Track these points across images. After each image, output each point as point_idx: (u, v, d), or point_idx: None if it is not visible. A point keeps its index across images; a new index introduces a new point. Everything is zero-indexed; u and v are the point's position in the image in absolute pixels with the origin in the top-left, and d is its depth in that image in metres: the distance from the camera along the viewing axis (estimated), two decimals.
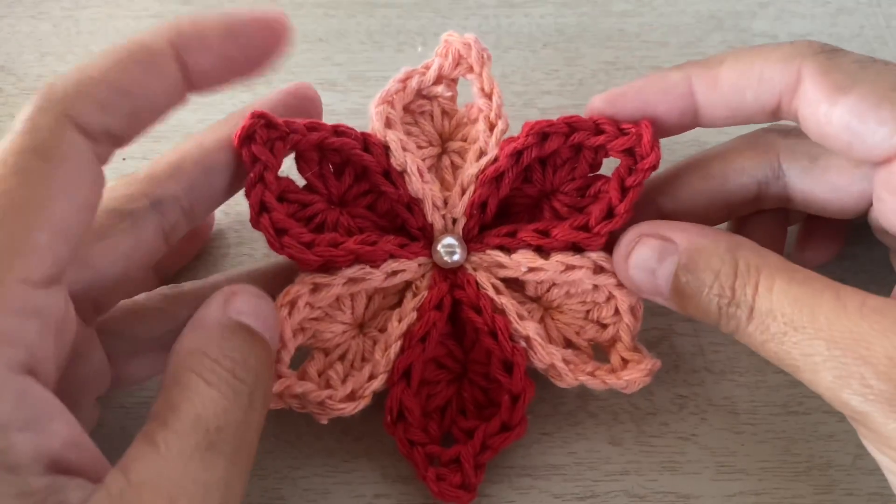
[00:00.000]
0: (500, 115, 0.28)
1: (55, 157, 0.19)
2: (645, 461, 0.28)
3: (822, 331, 0.21)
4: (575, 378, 0.27)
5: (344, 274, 0.26)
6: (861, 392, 0.20)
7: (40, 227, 0.19)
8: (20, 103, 0.35)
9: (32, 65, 0.37)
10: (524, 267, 0.27)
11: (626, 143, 0.26)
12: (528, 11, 0.39)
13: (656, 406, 0.29)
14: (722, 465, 0.28)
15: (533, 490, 0.27)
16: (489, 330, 0.27)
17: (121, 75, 0.21)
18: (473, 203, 0.27)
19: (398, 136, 0.27)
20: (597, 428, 0.28)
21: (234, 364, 0.21)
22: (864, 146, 0.23)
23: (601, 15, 0.39)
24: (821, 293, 0.22)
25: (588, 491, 0.27)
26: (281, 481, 0.27)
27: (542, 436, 0.28)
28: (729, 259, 0.23)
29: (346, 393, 0.26)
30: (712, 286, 0.23)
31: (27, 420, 0.18)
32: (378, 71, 0.37)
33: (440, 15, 0.38)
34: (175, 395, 0.20)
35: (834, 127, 0.23)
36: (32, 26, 0.38)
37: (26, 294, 0.19)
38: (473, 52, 0.28)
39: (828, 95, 0.23)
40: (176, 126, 0.35)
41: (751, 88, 0.24)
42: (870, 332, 0.20)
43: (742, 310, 0.23)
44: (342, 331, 0.27)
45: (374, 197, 0.28)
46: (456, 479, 0.25)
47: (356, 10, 0.38)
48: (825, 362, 0.21)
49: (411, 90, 0.28)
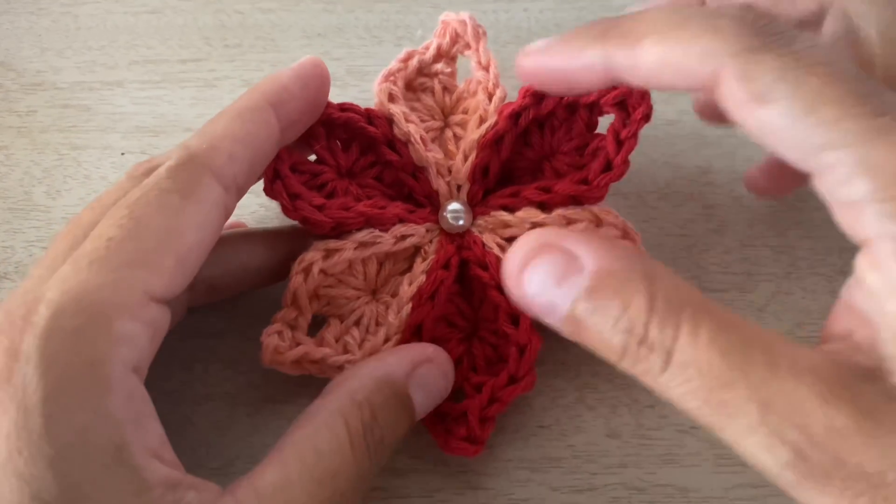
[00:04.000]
0: (498, 84, 0.29)
1: (192, 197, 0.22)
2: (643, 454, 0.28)
3: (756, 392, 0.18)
4: None
5: (355, 238, 0.27)
6: (793, 463, 0.18)
7: (169, 252, 0.22)
8: (20, 99, 0.35)
9: (32, 60, 0.37)
10: (527, 223, 0.27)
11: (618, 97, 0.27)
12: (527, 6, 0.39)
13: (655, 399, 0.29)
14: (721, 458, 0.28)
15: (531, 483, 0.27)
16: (495, 283, 0.27)
17: (240, 130, 0.24)
18: (476, 167, 0.28)
19: (401, 109, 0.28)
20: (595, 421, 0.28)
21: (384, 434, 0.23)
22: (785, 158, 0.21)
23: (600, 10, 0.39)
24: (750, 346, 0.19)
25: (586, 484, 0.27)
26: None
27: (540, 428, 0.28)
28: (644, 291, 0.19)
29: (364, 356, 0.26)
30: (619, 320, 0.19)
31: (135, 417, 0.20)
32: (377, 66, 0.36)
33: (438, 10, 0.38)
34: (321, 433, 0.22)
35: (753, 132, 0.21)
36: (31, 22, 0.38)
37: (148, 306, 0.21)
38: (469, 28, 0.30)
39: (747, 103, 0.20)
40: (174, 121, 0.35)
41: (675, 79, 0.21)
42: (807, 397, 0.18)
43: (656, 354, 0.19)
44: (356, 296, 0.28)
45: (380, 168, 0.29)
46: (461, 432, 0.26)
47: (355, 6, 0.38)
48: (757, 427, 0.18)
49: (413, 68, 0.30)
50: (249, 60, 0.37)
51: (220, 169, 0.23)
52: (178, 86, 0.36)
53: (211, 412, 0.28)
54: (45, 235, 0.32)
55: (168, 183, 0.22)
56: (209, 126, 0.25)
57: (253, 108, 0.25)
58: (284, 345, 0.26)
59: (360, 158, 0.29)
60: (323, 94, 0.27)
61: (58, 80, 0.36)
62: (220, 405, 0.28)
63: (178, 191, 0.22)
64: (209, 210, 0.23)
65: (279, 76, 0.26)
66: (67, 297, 0.20)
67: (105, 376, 0.20)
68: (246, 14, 0.38)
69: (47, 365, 0.19)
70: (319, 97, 0.27)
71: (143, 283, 0.21)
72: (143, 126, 0.35)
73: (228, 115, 0.25)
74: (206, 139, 0.24)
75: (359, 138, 0.28)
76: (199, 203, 0.23)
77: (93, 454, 0.19)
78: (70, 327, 0.19)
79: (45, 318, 0.19)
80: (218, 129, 0.24)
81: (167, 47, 0.37)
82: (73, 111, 0.35)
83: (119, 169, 0.34)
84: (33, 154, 0.34)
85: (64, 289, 0.20)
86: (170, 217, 0.22)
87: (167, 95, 0.36)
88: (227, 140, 0.24)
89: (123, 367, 0.20)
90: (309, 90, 0.26)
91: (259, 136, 0.25)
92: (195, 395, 0.28)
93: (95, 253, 0.21)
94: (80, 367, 0.19)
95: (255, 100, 0.25)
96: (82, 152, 0.34)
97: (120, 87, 0.36)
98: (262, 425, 0.28)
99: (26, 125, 0.35)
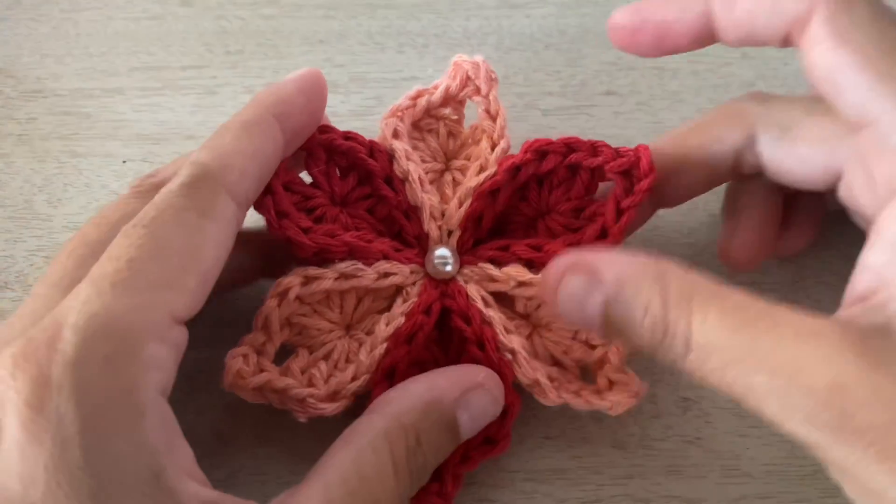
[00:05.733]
0: (503, 136, 0.29)
1: (209, 215, 0.22)
2: (649, 465, 0.28)
3: (763, 362, 0.20)
4: (559, 396, 0.26)
5: (336, 268, 0.26)
6: (807, 422, 0.20)
7: (192, 271, 0.22)
8: (20, 105, 0.35)
9: (32, 67, 0.36)
10: (513, 280, 0.27)
11: (624, 165, 0.27)
12: (530, 12, 0.38)
13: (660, 409, 0.29)
14: (727, 469, 0.28)
15: (537, 494, 0.27)
16: (476, 340, 0.26)
17: (249, 145, 0.24)
18: (469, 215, 0.28)
19: (403, 146, 0.28)
20: (601, 431, 0.28)
21: (426, 460, 0.23)
22: (844, 103, 0.23)
23: (603, 15, 0.38)
24: (756, 321, 0.21)
25: (592, 495, 0.27)
26: None
27: (546, 440, 0.28)
28: (658, 289, 0.22)
29: (328, 392, 0.25)
30: (644, 318, 0.22)
31: (168, 441, 0.20)
32: (379, 72, 0.36)
33: (441, 16, 0.38)
34: (365, 456, 0.22)
35: (822, 73, 0.23)
36: (31, 28, 0.38)
37: (173, 328, 0.21)
38: (482, 72, 0.29)
39: (828, 41, 0.22)
40: (176, 128, 0.35)
41: (764, 15, 0.24)
42: (810, 358, 0.19)
43: (678, 342, 0.21)
44: (329, 329, 0.27)
45: (374, 202, 0.28)
46: (433, 487, 0.25)
47: (357, 12, 0.38)
48: (769, 394, 0.20)
49: (420, 108, 0.29)
50: (251, 67, 0.36)
51: (233, 186, 0.23)
52: (180, 93, 0.36)
53: (214, 422, 0.28)
54: (46, 244, 0.32)
55: (184, 201, 0.22)
56: (217, 140, 0.24)
57: (259, 122, 0.25)
58: (248, 369, 0.25)
59: (355, 189, 0.28)
60: (322, 106, 0.27)
61: (58, 87, 0.36)
62: (224, 415, 0.28)
63: (196, 209, 0.22)
64: (225, 227, 0.23)
65: (282, 88, 0.26)
66: (95, 323, 0.19)
67: (139, 403, 0.19)
68: (247, 20, 0.38)
69: (81, 394, 0.18)
70: (320, 109, 0.27)
71: (168, 305, 0.21)
72: (144, 133, 0.35)
73: (235, 129, 0.24)
74: (216, 154, 0.24)
75: (358, 168, 0.28)
76: (215, 221, 0.23)
77: (132, 483, 0.18)
78: (101, 354, 0.19)
79: (73, 344, 0.19)
80: (227, 145, 0.24)
81: (168, 54, 0.37)
82: (73, 118, 0.35)
83: (121, 177, 0.34)
84: (34, 162, 0.34)
85: (89, 313, 0.19)
86: (189, 236, 0.22)
87: (168, 102, 0.35)
88: (238, 156, 0.24)
89: (155, 392, 0.20)
90: (311, 103, 0.26)
91: (266, 152, 0.25)
92: (197, 406, 0.28)
93: (117, 275, 0.20)
94: (115, 395, 0.19)
95: (261, 114, 0.25)
96: (83, 160, 0.34)
97: (121, 94, 0.36)
98: (266, 435, 0.28)
99: (26, 133, 0.35)
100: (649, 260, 0.23)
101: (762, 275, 0.31)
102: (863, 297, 0.21)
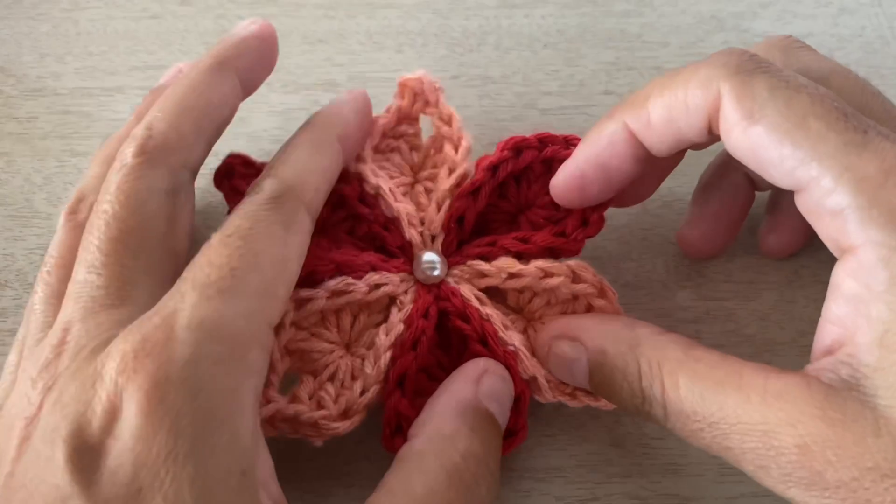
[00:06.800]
0: (463, 135, 0.29)
1: (292, 228, 0.24)
2: (647, 463, 0.28)
3: (734, 426, 0.21)
4: (554, 396, 0.27)
5: (327, 286, 0.26)
6: (782, 481, 0.21)
7: (282, 282, 0.23)
8: (20, 105, 0.35)
9: (32, 66, 0.37)
10: (504, 272, 0.27)
11: None
12: (529, 12, 0.38)
13: None
14: (724, 468, 0.28)
15: (534, 492, 0.27)
16: (479, 337, 0.27)
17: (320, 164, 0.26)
18: (451, 217, 0.28)
19: (370, 167, 0.29)
20: (598, 430, 0.28)
21: (478, 466, 0.23)
22: (772, 178, 0.23)
23: (602, 15, 0.39)
24: (723, 384, 0.22)
25: (590, 493, 0.27)
26: None
27: (544, 438, 0.28)
28: (631, 359, 0.24)
29: (340, 410, 0.25)
30: (622, 386, 0.24)
31: (256, 445, 0.21)
32: (379, 72, 0.36)
33: (440, 16, 0.38)
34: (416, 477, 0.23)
35: (744, 154, 0.23)
36: (32, 27, 0.38)
37: (268, 334, 0.22)
38: (426, 85, 0.30)
39: (741, 123, 0.22)
40: None
41: (681, 119, 0.24)
42: (776, 422, 0.20)
43: (656, 408, 0.23)
44: (330, 350, 0.27)
45: (352, 223, 0.29)
46: None
47: (356, 11, 0.38)
48: (743, 454, 0.21)
49: (377, 132, 0.30)
50: None
51: (310, 202, 0.25)
52: None
53: None
54: (46, 243, 0.32)
55: (272, 215, 0.23)
56: (292, 155, 0.26)
57: (327, 143, 0.27)
58: None
59: (331, 215, 0.28)
60: (371, 127, 0.29)
61: (58, 85, 0.36)
62: None
63: (281, 223, 0.23)
64: (304, 240, 0.24)
65: (343, 110, 0.28)
66: (207, 326, 0.21)
67: (241, 403, 0.21)
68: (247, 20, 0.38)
69: (196, 391, 0.20)
70: (370, 129, 0.29)
71: (266, 313, 0.22)
72: None
73: (308, 148, 0.26)
74: (295, 171, 0.25)
75: (330, 196, 0.28)
76: (297, 234, 0.24)
77: (222, 477, 0.20)
78: (214, 356, 0.20)
79: (189, 344, 0.20)
80: (302, 162, 0.25)
81: (168, 53, 0.37)
82: (73, 117, 0.35)
83: None
84: (34, 161, 0.34)
85: (200, 317, 0.21)
86: (279, 248, 0.23)
87: None
88: (314, 174, 0.25)
89: (253, 395, 0.21)
90: (364, 124, 0.28)
91: (333, 171, 0.27)
92: None
93: (222, 283, 0.21)
94: (223, 394, 0.20)
95: (328, 135, 0.27)
96: (83, 159, 0.34)
97: (121, 92, 0.36)
98: (272, 444, 0.28)
99: (27, 131, 0.35)
100: (624, 328, 0.25)
101: (760, 274, 0.31)
102: (830, 349, 0.22)
